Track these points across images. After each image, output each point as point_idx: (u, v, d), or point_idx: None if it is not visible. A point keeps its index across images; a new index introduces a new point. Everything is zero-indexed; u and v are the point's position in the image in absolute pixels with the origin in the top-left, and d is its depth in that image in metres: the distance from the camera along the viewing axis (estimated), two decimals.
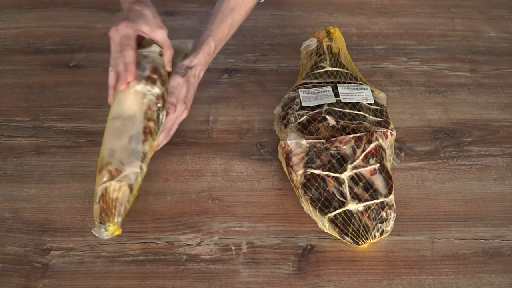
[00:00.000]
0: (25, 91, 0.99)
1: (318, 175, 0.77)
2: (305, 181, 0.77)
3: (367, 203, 0.74)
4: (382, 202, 0.74)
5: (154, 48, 0.82)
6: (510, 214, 0.80)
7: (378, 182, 0.77)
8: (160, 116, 0.79)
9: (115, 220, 0.70)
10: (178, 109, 0.82)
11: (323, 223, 0.74)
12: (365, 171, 0.77)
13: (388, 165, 0.80)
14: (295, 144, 0.80)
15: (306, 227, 0.77)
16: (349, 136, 0.79)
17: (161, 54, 0.83)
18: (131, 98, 0.77)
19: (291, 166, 0.79)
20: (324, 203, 0.74)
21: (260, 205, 0.80)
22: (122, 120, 0.76)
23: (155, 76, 0.79)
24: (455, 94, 1.01)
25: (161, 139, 0.82)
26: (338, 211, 0.73)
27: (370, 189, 0.75)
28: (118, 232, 0.71)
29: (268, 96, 0.99)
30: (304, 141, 0.80)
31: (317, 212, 0.74)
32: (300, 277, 0.71)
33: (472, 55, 1.10)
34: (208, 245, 0.75)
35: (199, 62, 0.85)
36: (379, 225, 0.73)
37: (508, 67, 1.07)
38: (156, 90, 0.78)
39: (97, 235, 0.71)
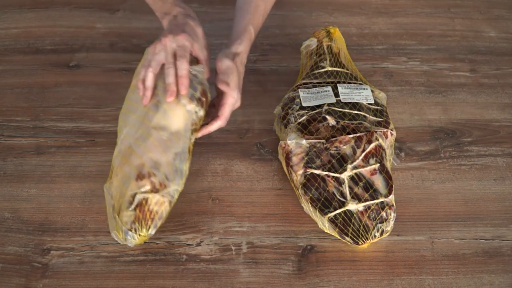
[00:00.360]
0: (25, 91, 0.99)
1: (318, 175, 0.77)
2: (305, 181, 0.77)
3: (367, 203, 0.74)
4: (382, 202, 0.74)
5: (201, 68, 0.82)
6: (510, 214, 0.80)
7: (378, 182, 0.77)
8: (192, 137, 0.79)
9: (149, 231, 0.70)
10: (235, 96, 0.79)
11: (323, 223, 0.74)
12: (365, 171, 0.77)
13: (388, 165, 0.80)
14: (295, 144, 0.80)
15: (306, 227, 0.77)
16: (349, 136, 0.79)
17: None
18: (180, 114, 0.76)
19: (291, 166, 0.79)
20: (324, 203, 0.74)
21: (260, 205, 0.80)
22: (169, 134, 0.75)
23: (203, 98, 0.79)
24: (455, 94, 1.00)
25: (217, 126, 0.80)
26: (338, 211, 0.73)
27: (370, 189, 0.75)
28: (142, 242, 0.71)
29: (268, 96, 0.98)
30: (304, 141, 0.80)
31: (317, 212, 0.74)
32: (300, 277, 0.71)
33: (472, 55, 1.10)
34: (208, 245, 0.75)
35: (244, 49, 0.84)
36: (379, 225, 0.73)
37: (508, 67, 1.07)
38: (201, 113, 0.78)
39: (117, 239, 0.71)
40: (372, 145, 0.79)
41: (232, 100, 0.79)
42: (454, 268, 0.73)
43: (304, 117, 0.83)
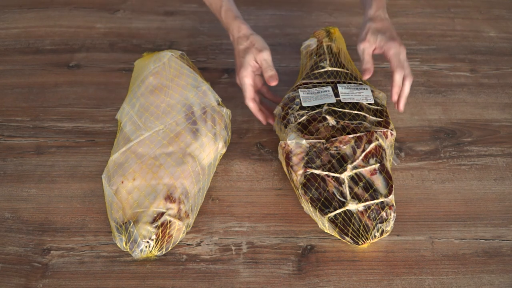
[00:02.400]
0: (25, 91, 0.99)
1: (318, 175, 0.77)
2: (305, 181, 0.77)
3: (367, 203, 0.74)
4: (382, 202, 0.74)
5: (228, 112, 0.87)
6: (510, 214, 0.80)
7: (378, 182, 0.77)
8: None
9: (161, 252, 0.71)
10: (393, 46, 0.84)
11: (323, 223, 0.74)
12: (365, 171, 0.77)
13: (388, 165, 0.80)
14: (295, 144, 0.80)
15: (306, 227, 0.77)
16: (349, 136, 0.79)
17: None
18: (212, 152, 0.80)
19: (291, 166, 0.79)
20: (324, 203, 0.74)
21: (260, 205, 0.80)
22: (201, 166, 0.78)
23: (228, 141, 0.85)
24: (455, 94, 1.01)
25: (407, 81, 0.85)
26: (338, 211, 0.73)
27: (370, 189, 0.75)
28: (144, 258, 0.72)
29: None
30: (304, 141, 0.80)
31: (317, 212, 0.74)
32: (300, 277, 0.71)
33: (472, 55, 1.10)
34: (208, 245, 0.75)
35: (379, 5, 0.88)
36: (379, 225, 0.73)
37: (508, 67, 1.07)
38: (222, 153, 0.84)
39: (121, 246, 0.71)
40: (372, 145, 0.79)
41: (392, 51, 0.83)
42: (454, 268, 0.73)
43: (304, 117, 0.83)
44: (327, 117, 0.82)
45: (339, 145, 0.79)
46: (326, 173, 0.77)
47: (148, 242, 0.70)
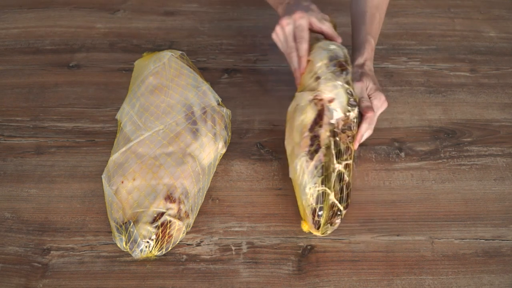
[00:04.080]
0: (25, 91, 0.99)
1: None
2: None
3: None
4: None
5: (229, 112, 0.87)
6: (510, 214, 0.80)
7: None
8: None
9: (161, 252, 0.71)
10: (378, 96, 0.82)
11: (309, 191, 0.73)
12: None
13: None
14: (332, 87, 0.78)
15: None
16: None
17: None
18: (212, 152, 0.80)
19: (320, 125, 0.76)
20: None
21: (260, 205, 0.80)
22: (201, 166, 0.78)
23: (228, 142, 0.85)
24: (455, 94, 1.01)
25: (367, 134, 0.82)
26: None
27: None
28: (144, 258, 0.72)
29: (268, 96, 0.99)
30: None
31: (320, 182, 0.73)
32: (300, 277, 0.71)
33: (472, 55, 1.10)
34: (208, 245, 0.75)
35: (368, 57, 0.87)
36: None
37: (508, 67, 1.07)
38: (222, 153, 0.84)
39: (121, 246, 0.71)
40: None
41: (376, 102, 0.82)
42: (454, 268, 0.73)
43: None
44: None
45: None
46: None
47: (148, 242, 0.70)
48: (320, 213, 0.72)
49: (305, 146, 0.75)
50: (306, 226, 0.74)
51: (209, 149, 0.79)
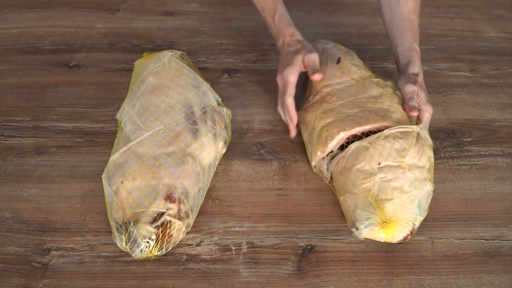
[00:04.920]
0: (25, 91, 0.99)
1: None
2: None
3: None
4: None
5: (229, 112, 0.86)
6: (510, 214, 0.80)
7: None
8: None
9: (161, 252, 0.71)
10: (430, 110, 0.84)
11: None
12: None
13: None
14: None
15: (306, 227, 0.77)
16: None
17: None
18: (212, 151, 0.80)
19: None
20: None
21: (260, 205, 0.80)
22: (201, 166, 0.78)
23: (228, 141, 0.85)
24: (455, 94, 1.01)
25: None
26: None
27: None
28: (144, 258, 0.71)
29: (268, 96, 0.99)
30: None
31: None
32: (300, 277, 0.71)
33: (472, 55, 1.10)
34: (208, 245, 0.75)
35: (419, 68, 0.88)
36: None
37: (508, 67, 1.07)
38: (222, 153, 0.85)
39: (121, 246, 0.71)
40: None
41: (427, 115, 0.83)
42: (454, 268, 0.73)
43: None
44: None
45: None
46: None
47: (148, 242, 0.70)
48: None
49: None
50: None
51: (209, 149, 0.79)
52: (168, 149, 0.77)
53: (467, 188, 0.83)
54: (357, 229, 0.73)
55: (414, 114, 0.81)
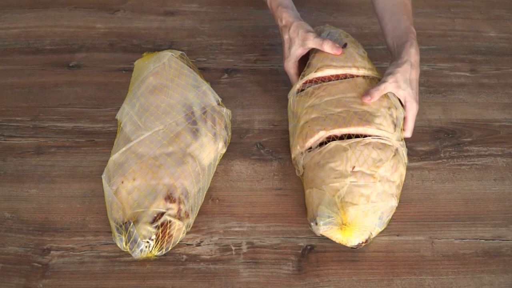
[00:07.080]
0: (25, 91, 0.99)
1: None
2: None
3: None
4: None
5: (229, 112, 0.87)
6: (510, 214, 0.80)
7: None
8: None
9: (161, 252, 0.71)
10: (413, 108, 0.84)
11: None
12: None
13: None
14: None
15: (306, 227, 0.77)
16: None
17: None
18: (212, 152, 0.80)
19: None
20: None
21: (260, 205, 0.80)
22: (201, 166, 0.78)
23: (228, 141, 0.86)
24: (455, 94, 1.01)
25: (409, 135, 0.86)
26: None
27: None
28: (144, 258, 0.71)
29: (268, 96, 0.99)
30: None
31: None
32: (300, 277, 0.71)
33: (472, 55, 1.10)
34: (208, 245, 0.75)
35: (416, 49, 0.86)
36: None
37: (508, 67, 1.07)
38: (222, 153, 0.85)
39: (121, 246, 0.71)
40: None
41: (411, 113, 0.84)
42: (454, 268, 0.73)
43: None
44: None
45: None
46: None
47: (148, 242, 0.70)
48: None
49: None
50: None
51: (209, 149, 0.79)
52: (168, 149, 0.77)
53: (467, 188, 0.83)
54: (316, 224, 0.73)
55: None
